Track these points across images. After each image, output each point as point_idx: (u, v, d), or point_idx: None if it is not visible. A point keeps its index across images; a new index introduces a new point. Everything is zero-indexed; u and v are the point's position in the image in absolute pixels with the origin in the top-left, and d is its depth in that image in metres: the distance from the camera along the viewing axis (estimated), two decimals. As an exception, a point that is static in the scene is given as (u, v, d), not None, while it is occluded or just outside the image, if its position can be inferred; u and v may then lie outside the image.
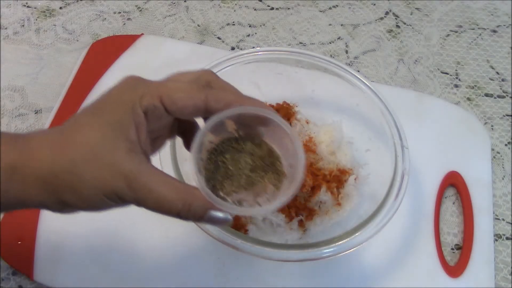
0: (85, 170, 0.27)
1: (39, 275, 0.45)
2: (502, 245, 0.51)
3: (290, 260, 0.40)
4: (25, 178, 0.27)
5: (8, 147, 0.27)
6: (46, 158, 0.27)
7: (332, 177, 0.48)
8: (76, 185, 0.27)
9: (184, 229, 0.48)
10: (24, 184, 0.27)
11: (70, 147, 0.27)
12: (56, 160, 0.27)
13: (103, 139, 0.27)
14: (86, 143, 0.27)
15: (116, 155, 0.27)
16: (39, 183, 0.27)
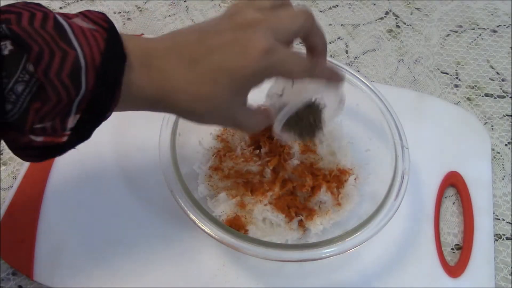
0: (208, 118, 0.34)
1: (39, 275, 0.45)
2: (502, 245, 0.51)
3: (290, 260, 0.40)
4: (159, 108, 0.33)
5: (148, 83, 0.31)
6: (183, 102, 0.32)
7: (332, 177, 0.48)
8: (199, 121, 0.34)
9: (184, 229, 0.48)
10: (158, 109, 0.33)
11: (200, 101, 0.32)
12: (190, 106, 0.32)
13: (226, 99, 0.32)
14: (213, 99, 0.32)
15: (232, 111, 0.34)
16: (171, 112, 0.35)
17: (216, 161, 0.49)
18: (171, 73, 0.31)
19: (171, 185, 0.42)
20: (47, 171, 0.51)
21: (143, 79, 0.31)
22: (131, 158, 0.52)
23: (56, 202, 0.49)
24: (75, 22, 0.28)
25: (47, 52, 0.26)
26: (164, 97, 0.32)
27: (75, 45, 0.27)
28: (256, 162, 0.48)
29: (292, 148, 0.48)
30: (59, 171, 0.51)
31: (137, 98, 0.31)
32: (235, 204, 0.46)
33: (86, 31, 0.28)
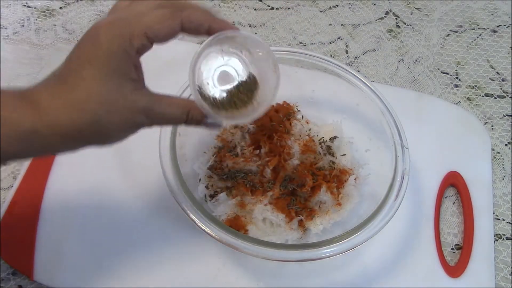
0: (108, 118, 0.31)
1: (39, 275, 0.45)
2: (502, 245, 0.51)
3: (290, 260, 0.40)
4: (48, 137, 0.30)
5: (23, 112, 0.29)
6: (66, 118, 0.30)
7: (332, 177, 0.48)
8: (103, 131, 0.31)
9: (184, 229, 0.48)
10: (47, 140, 0.30)
11: (88, 104, 0.30)
12: (77, 119, 0.30)
13: (113, 88, 0.31)
14: (100, 96, 0.30)
15: (129, 97, 0.31)
16: (62, 139, 0.30)
17: (216, 161, 0.49)
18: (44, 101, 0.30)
19: (171, 185, 0.42)
20: (47, 171, 0.51)
21: (18, 113, 0.29)
22: (131, 158, 0.52)
23: (56, 202, 0.49)
24: None
25: None
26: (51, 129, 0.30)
27: None
28: (256, 162, 0.48)
29: (292, 148, 0.48)
30: (59, 171, 0.51)
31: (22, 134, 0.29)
32: (235, 204, 0.46)
33: None
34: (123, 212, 0.49)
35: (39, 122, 0.29)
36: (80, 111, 0.30)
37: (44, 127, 0.29)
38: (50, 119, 0.29)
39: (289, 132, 0.50)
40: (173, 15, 0.33)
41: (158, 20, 0.32)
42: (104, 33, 0.31)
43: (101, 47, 0.30)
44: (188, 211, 0.41)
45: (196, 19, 0.34)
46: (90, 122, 0.30)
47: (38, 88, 0.31)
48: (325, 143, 0.51)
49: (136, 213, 0.49)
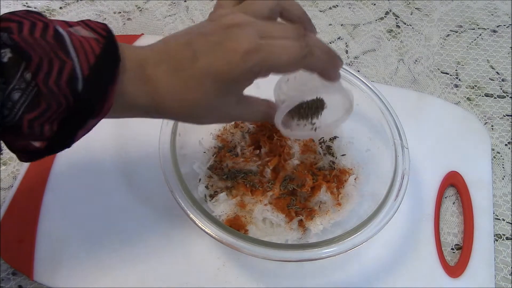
0: (203, 120, 0.35)
1: (39, 275, 0.45)
2: (502, 245, 0.51)
3: (290, 260, 0.40)
4: (152, 115, 0.34)
5: (142, 92, 0.32)
6: (173, 109, 0.33)
7: (332, 177, 0.48)
8: (196, 123, 0.35)
9: (184, 229, 0.48)
10: (150, 115, 0.34)
11: (197, 109, 0.33)
12: (181, 111, 0.33)
13: (223, 103, 0.33)
14: (210, 106, 0.33)
15: (225, 110, 0.34)
16: (163, 117, 0.35)
17: (216, 161, 0.49)
18: (160, 82, 0.32)
19: (171, 185, 0.42)
20: (47, 171, 0.51)
21: (136, 88, 0.31)
22: (131, 159, 0.52)
23: (56, 202, 0.49)
24: (75, 31, 0.29)
25: (46, 62, 0.27)
26: (156, 105, 0.32)
27: (73, 55, 0.28)
28: (256, 162, 0.48)
29: (292, 148, 0.48)
30: (59, 171, 0.51)
31: (131, 106, 0.32)
32: (235, 204, 0.46)
33: (84, 41, 0.29)
34: (123, 212, 0.49)
35: (152, 104, 0.32)
36: (189, 110, 0.33)
37: (153, 109, 0.33)
38: (161, 105, 0.32)
39: (289, 132, 0.50)
40: (301, 49, 0.33)
41: (289, 58, 0.32)
42: (240, 54, 0.31)
43: (231, 67, 0.31)
44: (188, 211, 0.41)
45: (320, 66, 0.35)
46: (193, 118, 0.34)
47: (159, 73, 0.32)
48: (325, 143, 0.51)
49: (136, 213, 0.49)
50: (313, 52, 0.33)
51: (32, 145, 0.29)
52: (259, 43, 0.31)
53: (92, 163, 0.52)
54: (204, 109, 0.33)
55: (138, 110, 0.33)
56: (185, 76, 0.32)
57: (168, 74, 0.32)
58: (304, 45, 0.33)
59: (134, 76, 0.31)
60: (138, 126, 0.54)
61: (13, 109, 0.27)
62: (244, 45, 0.31)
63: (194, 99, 0.32)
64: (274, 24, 0.34)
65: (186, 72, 0.31)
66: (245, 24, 0.32)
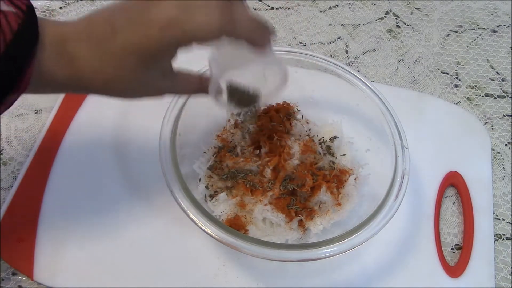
0: (129, 95, 0.34)
1: (39, 275, 0.45)
2: (502, 245, 0.51)
3: (290, 260, 0.40)
4: (73, 90, 0.34)
5: (60, 67, 0.31)
6: (94, 85, 0.32)
7: (332, 177, 0.48)
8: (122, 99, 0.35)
9: (184, 229, 0.48)
10: (71, 90, 0.34)
11: (111, 82, 0.32)
12: (103, 87, 0.33)
13: (147, 77, 0.33)
14: (134, 79, 0.33)
15: (153, 81, 0.34)
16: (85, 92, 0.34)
17: (216, 161, 0.49)
18: (81, 59, 0.31)
19: (171, 185, 0.42)
20: (47, 171, 0.51)
21: (56, 65, 0.31)
22: (131, 159, 0.52)
23: (56, 202, 0.49)
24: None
25: None
26: (77, 81, 0.32)
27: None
28: (256, 162, 0.48)
29: (292, 148, 0.48)
30: (59, 171, 0.51)
31: (50, 82, 0.32)
32: (235, 204, 0.46)
33: (2, 16, 0.28)
34: (123, 212, 0.49)
35: (73, 80, 0.32)
36: (111, 86, 0.33)
37: (74, 85, 0.32)
38: (82, 81, 0.32)
39: (289, 132, 0.50)
40: (227, 21, 0.31)
41: (209, 27, 0.31)
42: (157, 27, 0.30)
43: (150, 41, 0.30)
44: (188, 211, 0.41)
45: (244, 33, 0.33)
46: (116, 93, 0.34)
47: (79, 49, 0.31)
48: (325, 143, 0.51)
49: (136, 213, 0.49)
50: (235, 19, 0.32)
51: None
52: (176, 14, 0.30)
53: (92, 163, 0.52)
54: (127, 84, 0.33)
55: (59, 86, 0.33)
56: (106, 52, 0.31)
57: (89, 50, 0.31)
58: (227, 16, 0.31)
59: (54, 54, 0.31)
60: (138, 126, 0.54)
61: None
62: (161, 17, 0.30)
63: (114, 74, 0.32)
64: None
65: (106, 48, 0.31)
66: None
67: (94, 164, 0.52)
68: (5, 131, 0.54)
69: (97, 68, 0.31)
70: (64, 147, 0.52)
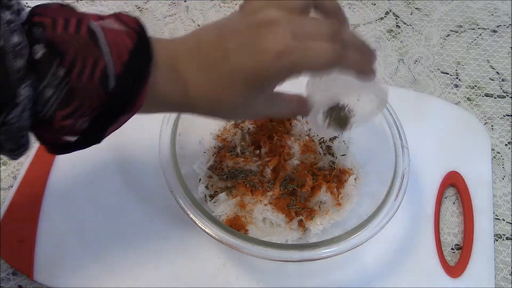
0: (232, 116, 0.38)
1: (39, 275, 0.45)
2: (502, 245, 0.51)
3: (290, 260, 0.40)
4: (183, 110, 0.36)
5: (174, 88, 0.32)
6: (203, 107, 0.33)
7: (332, 177, 0.48)
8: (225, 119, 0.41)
9: (184, 229, 0.48)
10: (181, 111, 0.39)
11: (219, 104, 0.33)
12: (211, 109, 0.34)
13: (252, 103, 0.33)
14: (231, 102, 0.33)
15: (257, 106, 0.34)
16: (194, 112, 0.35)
17: (216, 161, 0.49)
18: (191, 79, 0.32)
19: (171, 185, 0.42)
20: (47, 171, 0.51)
21: (168, 85, 0.31)
22: (131, 159, 0.52)
23: (56, 202, 0.49)
24: (107, 25, 0.29)
25: (80, 58, 0.27)
26: (186, 102, 0.32)
27: (105, 51, 0.28)
28: (256, 162, 0.48)
29: (292, 148, 0.48)
30: (59, 171, 0.51)
31: (162, 102, 0.32)
32: (235, 204, 0.46)
33: (117, 36, 0.29)
34: (123, 212, 0.49)
35: (183, 101, 0.33)
36: (219, 108, 0.33)
37: (184, 105, 0.33)
38: (191, 102, 0.33)
39: (289, 132, 0.50)
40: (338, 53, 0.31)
41: (322, 59, 0.31)
42: (271, 55, 0.30)
43: (261, 69, 0.30)
44: (188, 211, 0.41)
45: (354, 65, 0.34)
46: (222, 115, 0.35)
47: (190, 70, 0.32)
48: (325, 143, 0.51)
49: (136, 213, 0.49)
50: (347, 54, 0.32)
51: (62, 139, 0.29)
52: (291, 44, 0.30)
53: (92, 163, 0.52)
54: (234, 107, 0.33)
55: (169, 106, 0.33)
56: (216, 75, 0.31)
57: (199, 72, 0.32)
58: (338, 47, 0.32)
59: (165, 73, 0.31)
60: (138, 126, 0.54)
61: (45, 106, 0.27)
62: (276, 47, 0.30)
63: (224, 97, 0.32)
64: (307, 21, 0.33)
65: (217, 71, 0.31)
66: (278, 22, 0.31)
67: (94, 164, 0.52)
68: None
69: (205, 90, 0.32)
70: (64, 147, 0.52)
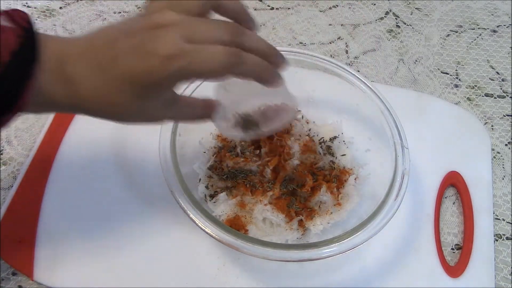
0: (127, 120, 0.33)
1: (39, 275, 0.45)
2: (502, 245, 0.51)
3: (290, 260, 0.40)
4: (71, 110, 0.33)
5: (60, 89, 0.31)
6: (94, 109, 0.32)
7: (332, 177, 0.48)
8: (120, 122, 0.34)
9: (184, 229, 0.48)
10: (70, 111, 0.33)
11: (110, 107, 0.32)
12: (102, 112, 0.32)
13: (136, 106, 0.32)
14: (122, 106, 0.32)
15: (153, 110, 0.33)
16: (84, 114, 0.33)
17: (216, 161, 0.49)
18: (80, 82, 0.30)
19: (171, 185, 0.42)
20: (47, 171, 0.51)
21: (55, 87, 0.30)
22: (131, 159, 0.52)
23: (56, 202, 0.49)
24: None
25: None
26: (76, 104, 0.31)
27: None
28: (256, 162, 0.48)
29: (292, 148, 0.48)
30: (59, 171, 0.51)
31: (49, 103, 0.31)
32: (235, 204, 0.46)
33: (3, 33, 0.28)
34: (123, 212, 0.49)
35: (72, 103, 0.31)
36: (110, 111, 0.32)
37: (74, 107, 0.32)
38: (81, 105, 0.31)
39: (289, 132, 0.50)
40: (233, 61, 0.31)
41: (213, 66, 0.30)
42: (160, 59, 0.29)
43: (151, 73, 0.30)
44: (188, 211, 0.41)
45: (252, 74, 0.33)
46: (115, 118, 0.33)
47: (79, 72, 0.30)
48: (325, 143, 0.51)
49: (136, 213, 0.49)
50: (243, 60, 0.31)
51: None
52: (182, 48, 0.29)
53: (92, 163, 0.52)
54: (124, 110, 0.32)
55: (59, 107, 0.32)
56: (105, 78, 0.30)
57: (88, 74, 0.30)
58: (233, 52, 0.31)
59: (53, 75, 0.30)
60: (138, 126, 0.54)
61: None
62: (164, 50, 0.29)
63: (112, 100, 0.31)
64: (205, 24, 0.32)
65: (106, 74, 0.30)
66: (171, 25, 0.30)
67: (94, 164, 0.52)
68: (5, 131, 0.54)
69: (95, 92, 0.31)
70: (64, 147, 0.52)
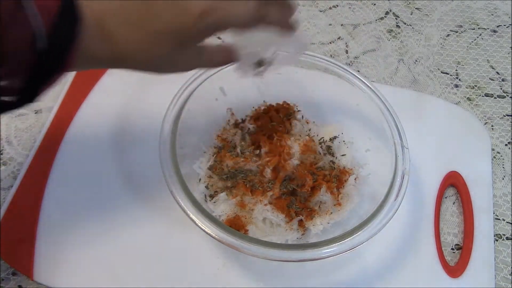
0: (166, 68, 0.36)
1: (39, 275, 0.45)
2: (502, 245, 0.51)
3: (290, 260, 0.40)
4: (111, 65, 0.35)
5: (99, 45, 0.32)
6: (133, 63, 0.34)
7: (332, 177, 0.48)
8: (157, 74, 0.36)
9: (184, 228, 0.48)
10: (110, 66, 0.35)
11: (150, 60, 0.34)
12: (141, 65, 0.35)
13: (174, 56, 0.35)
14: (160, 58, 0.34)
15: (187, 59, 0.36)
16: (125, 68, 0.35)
17: (216, 161, 0.49)
18: (120, 38, 0.32)
19: (171, 185, 0.42)
20: (47, 171, 0.51)
21: (97, 43, 0.32)
22: (131, 159, 0.52)
23: (56, 202, 0.49)
24: None
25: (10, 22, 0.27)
26: (116, 59, 0.33)
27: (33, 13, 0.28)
28: (256, 162, 0.48)
29: (292, 148, 0.48)
30: (59, 171, 0.51)
31: (92, 59, 0.33)
32: (235, 204, 0.46)
33: None
34: (123, 212, 0.49)
35: (113, 57, 0.33)
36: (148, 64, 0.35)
37: (115, 62, 0.34)
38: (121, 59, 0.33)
39: (289, 132, 0.50)
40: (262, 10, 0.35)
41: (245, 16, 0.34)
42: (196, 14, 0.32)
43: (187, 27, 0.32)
44: (188, 211, 0.41)
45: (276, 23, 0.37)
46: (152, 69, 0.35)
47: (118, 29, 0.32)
48: (325, 143, 0.51)
49: (136, 213, 0.49)
50: (268, 10, 0.35)
51: None
52: (213, 3, 0.32)
53: (92, 164, 0.52)
54: (162, 62, 0.35)
55: (100, 62, 0.34)
56: (144, 33, 0.33)
57: (127, 30, 0.32)
58: (260, 4, 0.34)
59: (94, 33, 0.32)
60: (138, 127, 0.54)
61: None
62: (199, 7, 0.32)
63: (151, 53, 0.34)
64: None
65: (144, 29, 0.32)
66: None
67: (94, 165, 0.52)
68: (5, 131, 0.54)
69: (134, 46, 0.33)
70: (64, 147, 0.52)
